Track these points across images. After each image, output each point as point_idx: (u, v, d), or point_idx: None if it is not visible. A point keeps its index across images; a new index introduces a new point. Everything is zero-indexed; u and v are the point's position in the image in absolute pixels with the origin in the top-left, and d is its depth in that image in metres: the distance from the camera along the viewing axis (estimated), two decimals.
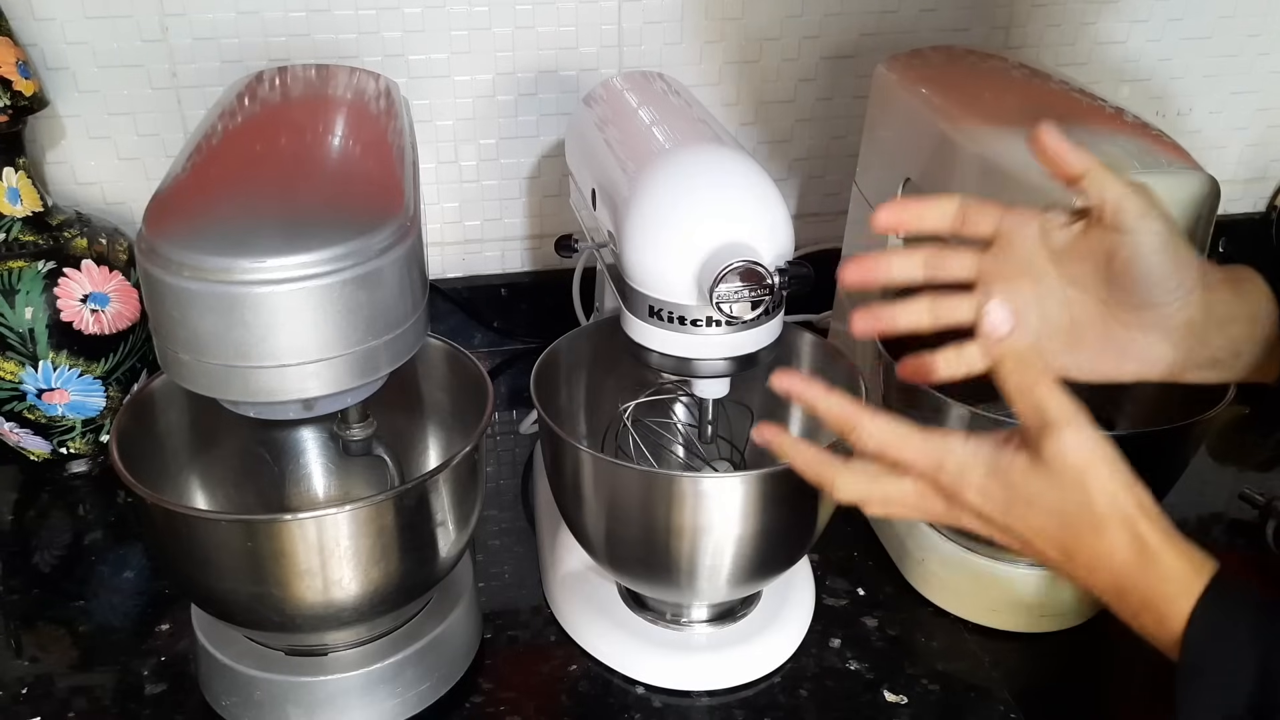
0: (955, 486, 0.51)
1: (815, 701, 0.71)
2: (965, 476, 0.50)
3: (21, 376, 0.85)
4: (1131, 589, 0.48)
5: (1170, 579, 0.47)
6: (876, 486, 0.53)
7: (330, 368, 0.53)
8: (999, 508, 0.50)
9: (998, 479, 0.50)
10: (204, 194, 0.56)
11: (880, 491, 0.53)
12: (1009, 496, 0.50)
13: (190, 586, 0.65)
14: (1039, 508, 0.49)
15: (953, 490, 0.51)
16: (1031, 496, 0.49)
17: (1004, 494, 0.50)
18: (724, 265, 0.57)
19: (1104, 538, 0.48)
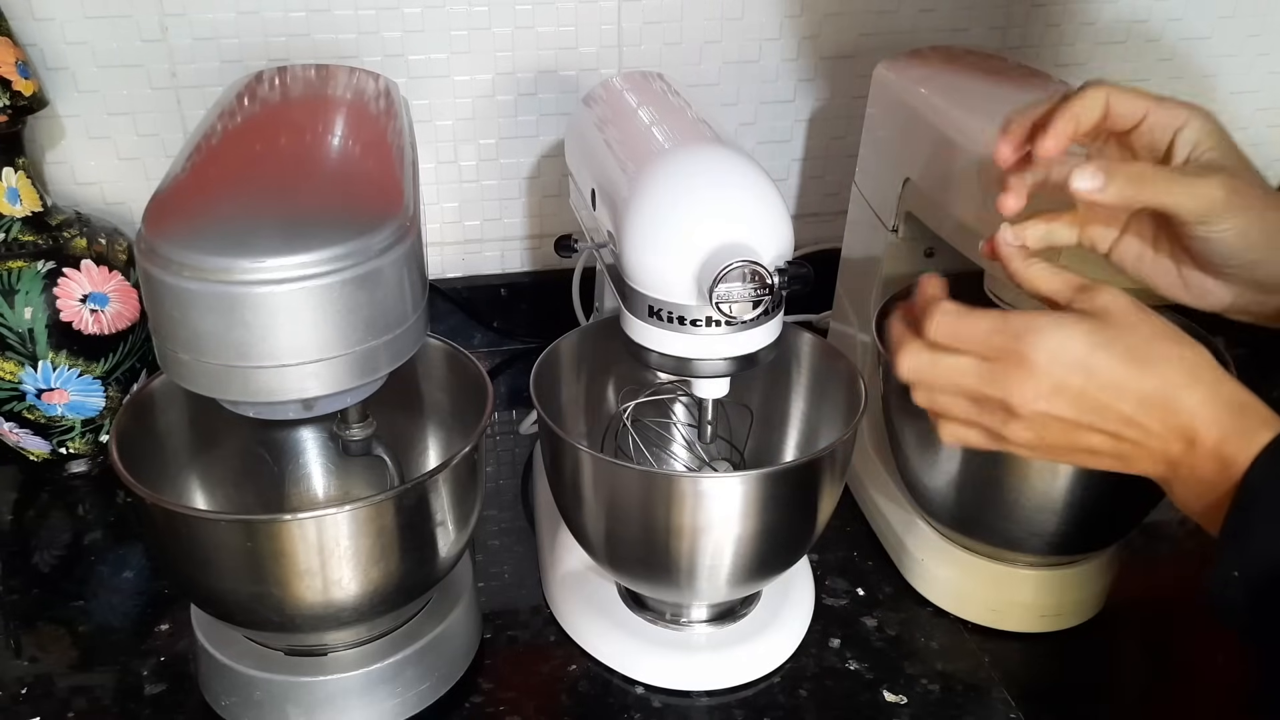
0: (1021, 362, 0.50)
1: (815, 701, 0.71)
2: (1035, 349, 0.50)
3: (21, 376, 0.85)
4: (1203, 438, 0.48)
5: (1249, 424, 0.48)
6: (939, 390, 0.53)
7: (330, 368, 0.53)
8: (1072, 370, 0.49)
9: (1070, 335, 0.50)
10: (204, 194, 0.56)
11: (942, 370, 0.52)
12: (1088, 349, 0.49)
13: (190, 586, 0.65)
14: (1111, 354, 0.49)
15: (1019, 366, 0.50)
16: (1110, 340, 0.49)
17: (1082, 349, 0.49)
18: (724, 265, 0.57)
19: (1180, 364, 0.49)
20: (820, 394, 0.77)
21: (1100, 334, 0.50)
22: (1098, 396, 0.50)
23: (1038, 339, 0.50)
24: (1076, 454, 0.52)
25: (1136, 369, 0.49)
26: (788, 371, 0.78)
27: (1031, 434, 0.51)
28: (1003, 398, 0.51)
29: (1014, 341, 0.50)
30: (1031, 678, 0.73)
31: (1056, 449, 0.52)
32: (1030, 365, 0.50)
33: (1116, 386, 0.49)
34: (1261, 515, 0.47)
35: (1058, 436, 0.51)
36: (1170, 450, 0.50)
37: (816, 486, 0.67)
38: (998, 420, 0.52)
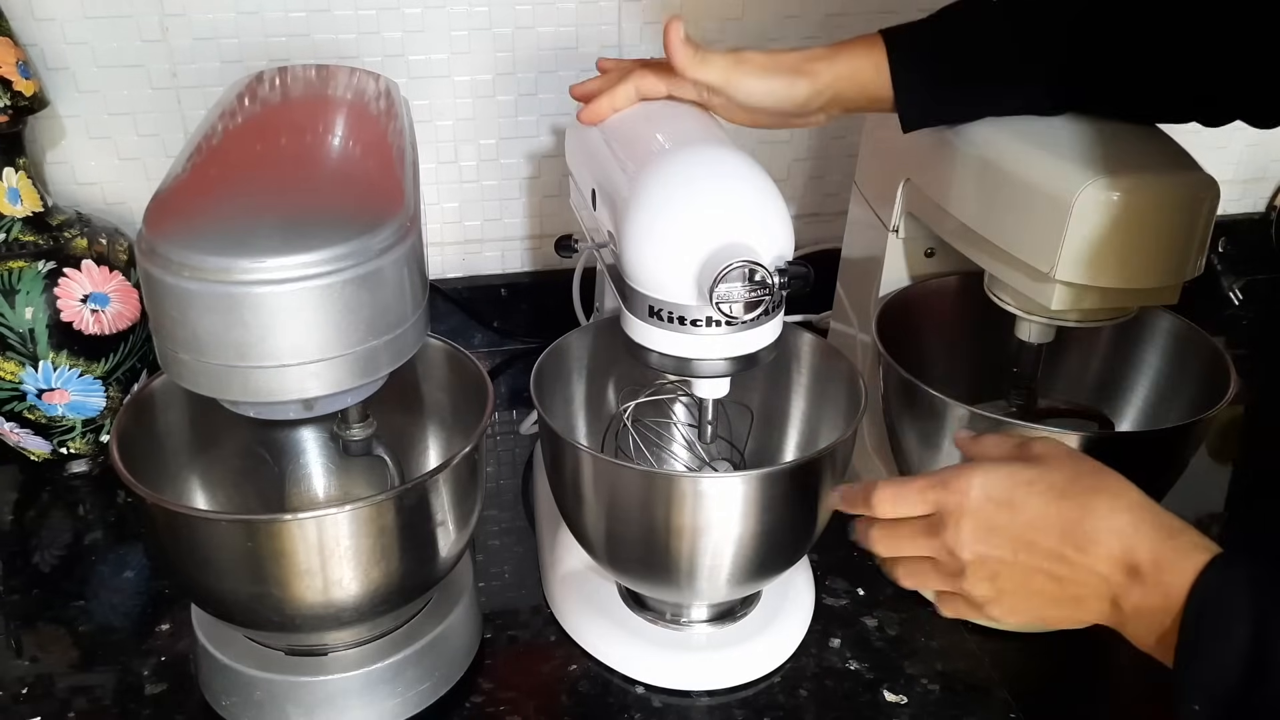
0: (956, 506, 0.53)
1: (815, 701, 0.71)
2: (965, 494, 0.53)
3: (22, 376, 0.85)
4: (1141, 564, 0.49)
5: (1181, 546, 0.49)
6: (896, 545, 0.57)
7: (330, 368, 0.53)
8: (1000, 508, 0.52)
9: (997, 476, 0.53)
10: (204, 194, 0.56)
11: (899, 546, 0.57)
12: (1011, 487, 0.52)
13: (190, 586, 0.65)
14: (1033, 489, 0.52)
15: (954, 511, 0.53)
16: (1034, 478, 0.52)
17: (1006, 487, 0.52)
18: (724, 265, 0.57)
19: (1104, 494, 0.51)
20: (820, 394, 0.77)
21: (1024, 473, 0.53)
22: (1024, 533, 0.52)
23: (967, 484, 0.53)
24: (1032, 601, 0.53)
25: (1057, 501, 0.52)
26: (788, 371, 0.78)
27: (986, 583, 0.54)
28: (948, 547, 0.54)
29: (944, 491, 0.54)
30: (1031, 678, 0.73)
31: (1015, 596, 0.54)
32: (961, 510, 0.53)
33: (1041, 518, 0.52)
34: (1207, 646, 0.47)
35: (1007, 581, 0.53)
36: (1113, 585, 0.50)
37: (817, 487, 0.67)
38: (954, 573, 0.55)
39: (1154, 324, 0.81)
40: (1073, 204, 0.63)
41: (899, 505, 0.56)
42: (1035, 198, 0.66)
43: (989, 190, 0.70)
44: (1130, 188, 0.63)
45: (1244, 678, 0.45)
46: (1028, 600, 0.53)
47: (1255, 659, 0.45)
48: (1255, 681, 0.45)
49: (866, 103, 0.71)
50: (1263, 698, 0.45)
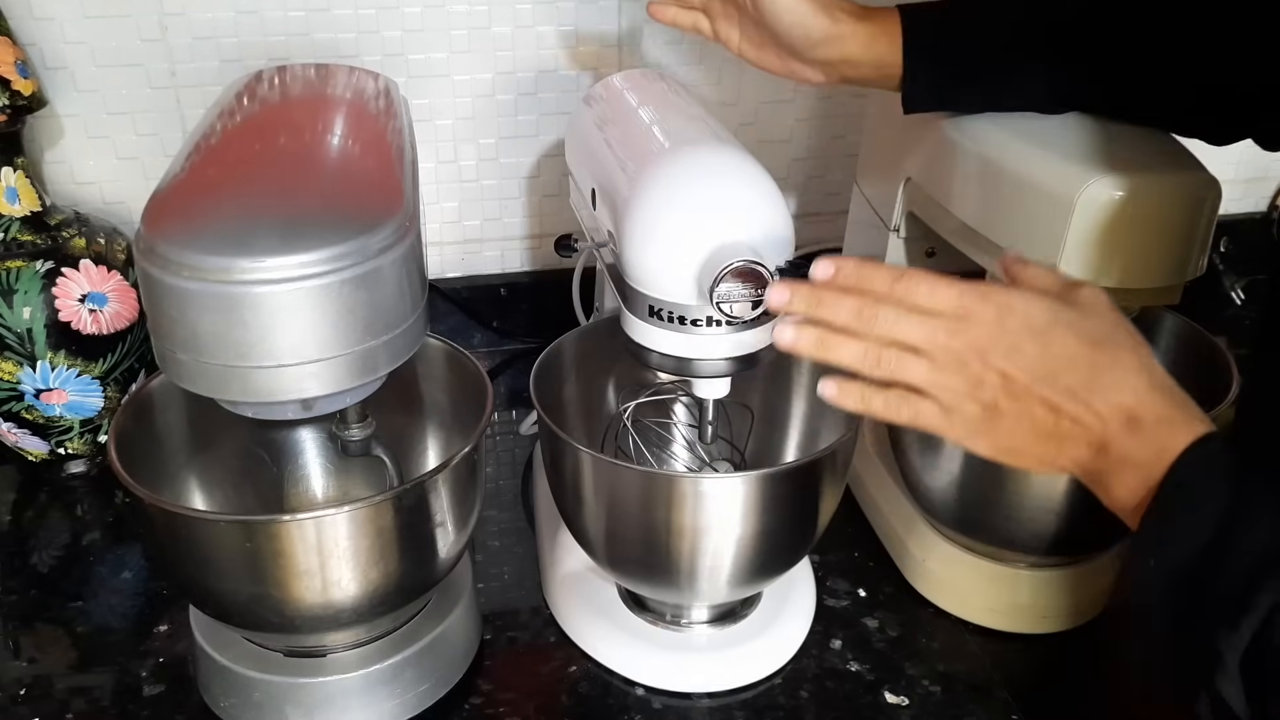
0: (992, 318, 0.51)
1: (816, 703, 0.71)
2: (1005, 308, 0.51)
3: (19, 376, 0.84)
4: (1144, 418, 0.49)
5: (1188, 416, 0.49)
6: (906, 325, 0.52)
7: (329, 368, 0.53)
8: (1034, 336, 0.51)
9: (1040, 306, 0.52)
10: (203, 194, 0.56)
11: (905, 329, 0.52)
12: (1051, 322, 0.51)
13: (189, 587, 0.65)
14: (1071, 329, 0.51)
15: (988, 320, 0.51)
16: (1073, 320, 0.51)
17: (1047, 320, 0.51)
18: (724, 265, 0.57)
19: (1136, 352, 0.51)
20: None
21: (1065, 313, 0.52)
22: (1049, 364, 0.50)
23: (1009, 300, 0.52)
24: (1017, 430, 0.52)
25: (1090, 347, 0.51)
26: (788, 371, 0.78)
27: (982, 398, 0.51)
28: (967, 349, 0.51)
29: (982, 300, 0.51)
30: (1032, 678, 0.73)
31: (1003, 419, 0.51)
32: (997, 322, 0.51)
33: (1069, 358, 0.51)
34: (1179, 511, 0.48)
35: (1008, 403, 0.51)
36: (1107, 432, 0.50)
37: (817, 487, 0.67)
38: (950, 377, 0.52)
39: (1155, 324, 0.81)
40: (1075, 203, 0.63)
41: (933, 294, 0.52)
42: (1037, 197, 0.66)
43: (990, 190, 0.70)
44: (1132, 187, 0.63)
45: (1202, 553, 0.46)
46: (1014, 427, 0.51)
47: (1218, 540, 0.46)
48: (1211, 560, 0.46)
49: (871, 72, 0.71)
50: (1213, 577, 0.46)
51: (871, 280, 0.53)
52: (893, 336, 0.52)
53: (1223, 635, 0.45)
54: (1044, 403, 0.51)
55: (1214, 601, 0.46)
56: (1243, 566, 0.45)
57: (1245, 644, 0.44)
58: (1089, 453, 0.51)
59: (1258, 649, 0.44)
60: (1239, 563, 0.45)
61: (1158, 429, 0.49)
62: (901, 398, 0.53)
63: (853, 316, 0.52)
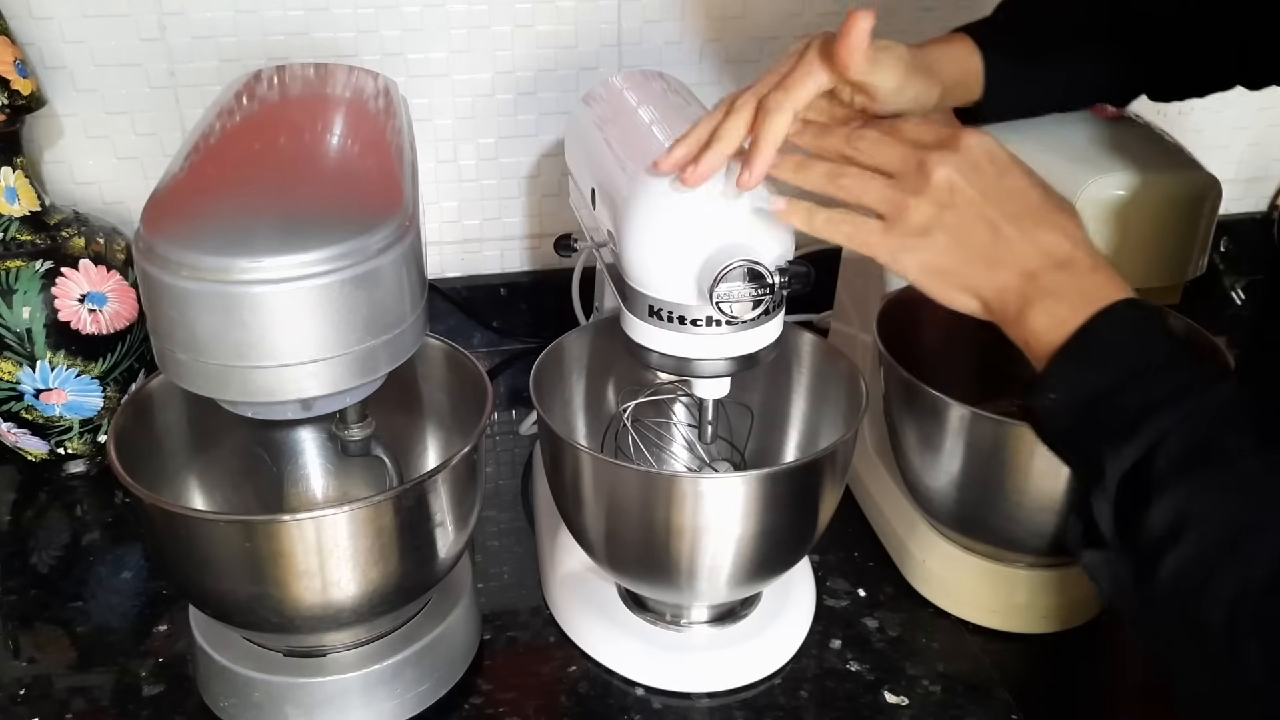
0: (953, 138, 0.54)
1: (816, 703, 0.71)
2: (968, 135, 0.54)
3: (19, 376, 0.84)
4: (1079, 263, 0.52)
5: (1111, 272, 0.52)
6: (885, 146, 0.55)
7: (328, 368, 0.53)
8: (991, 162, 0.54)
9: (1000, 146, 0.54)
10: (202, 193, 0.56)
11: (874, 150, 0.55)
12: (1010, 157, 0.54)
13: (188, 587, 0.65)
14: (1028, 174, 0.54)
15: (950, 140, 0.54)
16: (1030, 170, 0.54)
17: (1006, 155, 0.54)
18: (724, 265, 0.57)
19: (1075, 213, 0.54)
20: (820, 394, 0.77)
21: (1016, 155, 0.55)
22: (1000, 189, 0.53)
23: (973, 131, 0.54)
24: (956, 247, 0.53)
25: (1041, 190, 0.54)
26: (788, 371, 0.78)
27: (933, 209, 0.53)
28: (926, 160, 0.53)
29: (946, 129, 0.55)
30: (1032, 678, 0.73)
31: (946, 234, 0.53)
32: (958, 142, 0.54)
33: (1021, 190, 0.54)
34: (1110, 344, 0.50)
35: (953, 217, 0.53)
36: (1041, 264, 0.52)
37: (817, 487, 0.67)
38: (904, 187, 0.54)
39: None
40: (1075, 203, 0.63)
41: (919, 127, 0.55)
42: None
43: None
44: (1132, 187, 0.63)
45: (1109, 389, 0.49)
46: (949, 244, 0.53)
47: (1129, 380, 0.49)
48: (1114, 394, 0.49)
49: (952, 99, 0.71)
50: (1111, 405, 0.49)
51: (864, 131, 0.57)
52: (872, 159, 0.55)
53: (1108, 453, 0.48)
54: (987, 221, 0.53)
55: (1109, 428, 0.49)
56: (1141, 399, 0.48)
57: (1128, 464, 0.47)
58: (1017, 280, 0.52)
59: (1138, 469, 0.47)
60: (1140, 396, 0.48)
61: (1092, 275, 0.52)
62: (845, 214, 0.55)
63: (841, 140, 0.56)
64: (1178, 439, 0.46)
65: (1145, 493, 0.47)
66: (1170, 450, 0.46)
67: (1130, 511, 0.47)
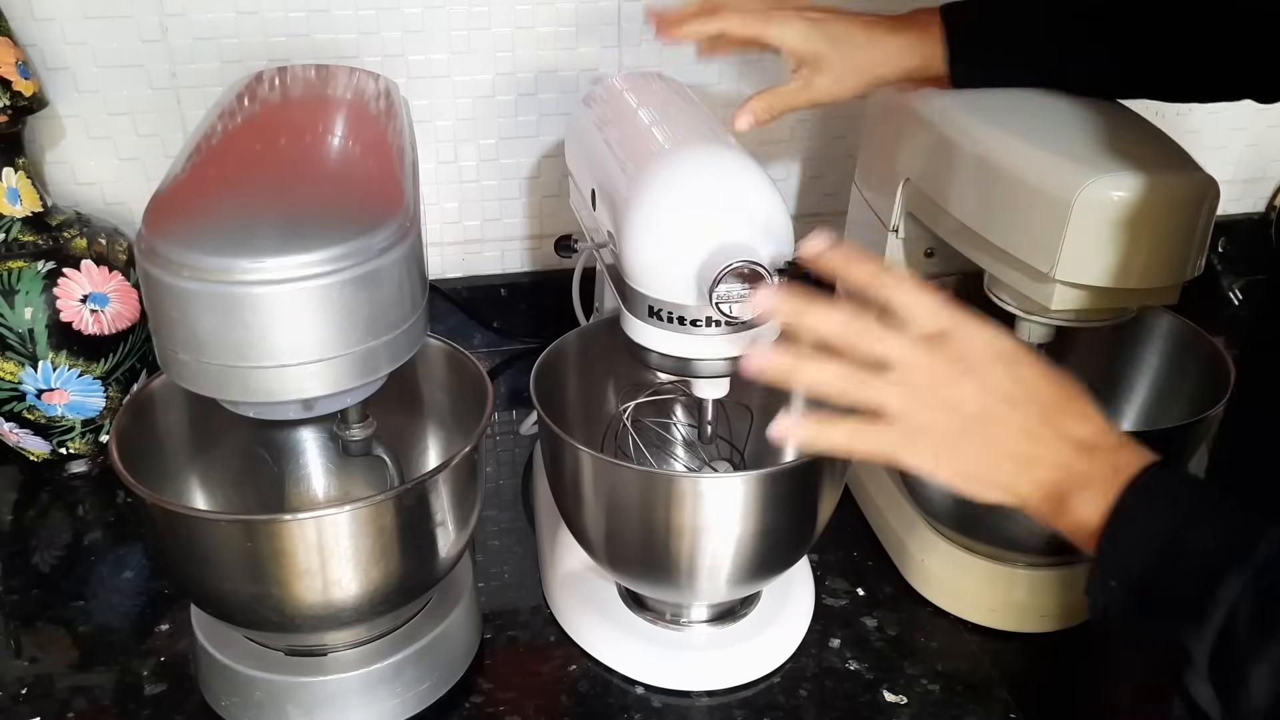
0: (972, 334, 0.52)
1: (815, 702, 0.71)
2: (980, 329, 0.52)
3: (21, 377, 0.85)
4: (1101, 445, 0.51)
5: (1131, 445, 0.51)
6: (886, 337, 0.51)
7: (330, 368, 0.53)
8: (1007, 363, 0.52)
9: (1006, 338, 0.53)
10: (203, 194, 0.56)
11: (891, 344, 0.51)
12: (1017, 349, 0.52)
13: (190, 587, 0.65)
14: (1034, 362, 0.53)
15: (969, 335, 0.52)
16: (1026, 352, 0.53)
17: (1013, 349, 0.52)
18: (724, 265, 0.57)
19: (1084, 394, 0.53)
20: None
21: (1019, 343, 0.53)
22: (1020, 390, 0.52)
23: (975, 325, 0.52)
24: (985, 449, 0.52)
25: (1051, 380, 0.53)
26: None
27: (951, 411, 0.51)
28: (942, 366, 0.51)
29: (959, 319, 0.52)
30: (1031, 678, 0.73)
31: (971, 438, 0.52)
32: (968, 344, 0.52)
33: (1036, 385, 0.52)
34: (1142, 514, 0.49)
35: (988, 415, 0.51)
36: (1071, 457, 0.51)
37: (816, 487, 0.67)
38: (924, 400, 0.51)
39: (1154, 324, 0.81)
40: (1073, 204, 0.63)
41: (914, 299, 0.52)
42: (1035, 197, 0.66)
43: (989, 190, 0.70)
44: (1131, 187, 0.63)
45: (1158, 557, 0.48)
46: (980, 450, 0.52)
47: (1172, 543, 0.47)
48: (1168, 563, 0.47)
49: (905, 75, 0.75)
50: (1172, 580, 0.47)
51: (853, 268, 0.53)
52: (872, 350, 0.51)
53: (1189, 634, 0.46)
54: (1016, 426, 0.52)
55: (1176, 603, 0.47)
56: (1195, 567, 0.46)
57: (1211, 641, 0.45)
58: (1054, 474, 0.51)
59: (1223, 643, 0.45)
60: (1191, 563, 0.47)
61: (1116, 453, 0.51)
62: (863, 427, 0.52)
63: (839, 326, 0.51)
64: (1248, 605, 0.44)
65: (1239, 666, 0.44)
66: (1246, 618, 0.44)
67: (1231, 687, 0.45)
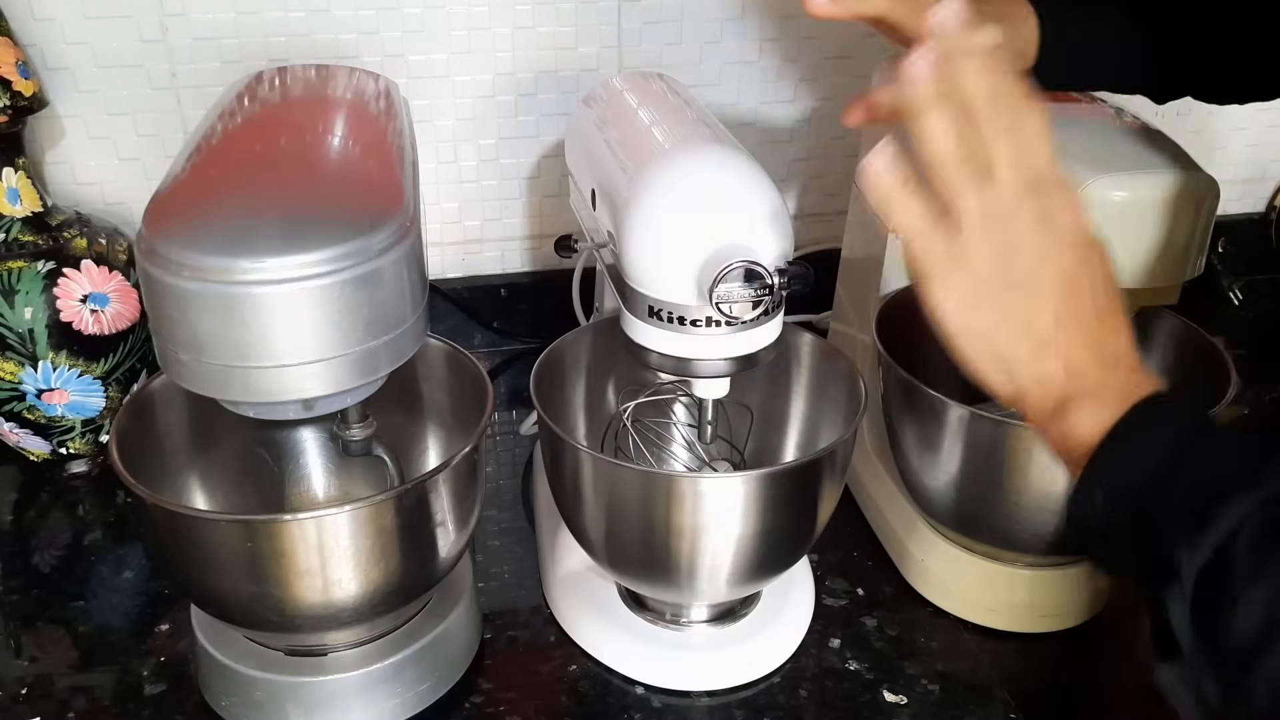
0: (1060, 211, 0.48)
1: (815, 702, 0.71)
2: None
3: (21, 377, 0.85)
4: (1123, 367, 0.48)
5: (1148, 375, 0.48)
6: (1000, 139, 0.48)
7: (330, 368, 0.53)
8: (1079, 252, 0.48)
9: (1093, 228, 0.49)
10: (203, 194, 0.56)
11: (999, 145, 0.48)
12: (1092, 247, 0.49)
13: (190, 587, 0.65)
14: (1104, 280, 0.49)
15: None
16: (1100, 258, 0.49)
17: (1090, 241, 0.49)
18: (724, 265, 0.57)
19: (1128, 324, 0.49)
20: (820, 394, 0.77)
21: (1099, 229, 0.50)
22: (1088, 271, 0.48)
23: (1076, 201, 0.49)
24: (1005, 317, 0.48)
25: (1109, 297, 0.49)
26: (788, 371, 0.78)
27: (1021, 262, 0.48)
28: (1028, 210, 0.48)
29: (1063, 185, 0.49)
30: (1031, 678, 0.73)
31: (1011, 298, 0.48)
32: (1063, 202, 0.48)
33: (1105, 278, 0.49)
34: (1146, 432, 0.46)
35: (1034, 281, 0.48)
36: (1091, 362, 0.48)
37: (816, 486, 0.67)
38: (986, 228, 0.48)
39: (1154, 324, 0.81)
40: None
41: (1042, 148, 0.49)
42: None
43: None
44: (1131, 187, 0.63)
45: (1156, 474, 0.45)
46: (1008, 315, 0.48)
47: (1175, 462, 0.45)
48: (1166, 480, 0.45)
49: None
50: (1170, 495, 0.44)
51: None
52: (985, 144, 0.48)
53: (1180, 547, 0.43)
54: (1053, 309, 0.48)
55: (1171, 517, 0.44)
56: (1198, 482, 0.44)
57: (1207, 555, 0.42)
58: (1062, 373, 0.48)
59: (1219, 559, 0.42)
60: (1193, 479, 0.44)
61: (1132, 375, 0.48)
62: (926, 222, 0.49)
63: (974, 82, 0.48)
64: (1256, 524, 0.41)
65: (1229, 590, 0.41)
66: (1251, 537, 0.41)
67: (1212, 615, 0.42)
